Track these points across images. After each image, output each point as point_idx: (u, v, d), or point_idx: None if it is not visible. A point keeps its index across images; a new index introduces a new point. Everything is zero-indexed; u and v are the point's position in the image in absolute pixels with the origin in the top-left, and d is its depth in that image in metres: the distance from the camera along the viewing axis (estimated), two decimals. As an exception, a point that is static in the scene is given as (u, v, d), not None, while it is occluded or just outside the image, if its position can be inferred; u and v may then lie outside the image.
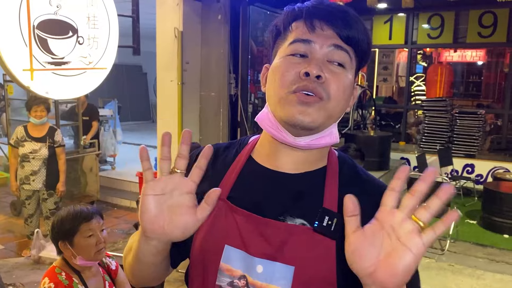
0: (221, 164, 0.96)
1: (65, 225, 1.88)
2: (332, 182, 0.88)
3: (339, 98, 0.84)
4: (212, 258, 0.86)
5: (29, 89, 3.54)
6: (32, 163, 4.27)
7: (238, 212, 0.87)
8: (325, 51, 0.83)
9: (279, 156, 0.90)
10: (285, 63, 0.85)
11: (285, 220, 0.84)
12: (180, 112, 5.66)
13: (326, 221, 0.82)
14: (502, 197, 5.22)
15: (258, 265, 0.83)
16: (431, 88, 9.26)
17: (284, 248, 0.83)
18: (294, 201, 0.87)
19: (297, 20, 0.86)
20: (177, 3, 5.50)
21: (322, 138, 0.87)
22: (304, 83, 0.82)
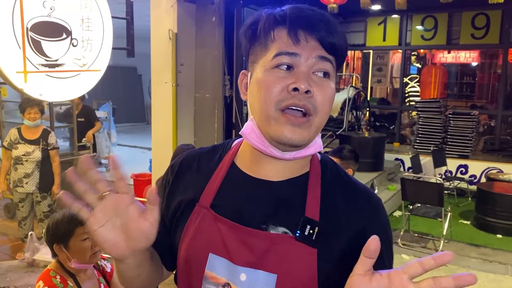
0: (205, 169, 0.96)
1: (60, 228, 1.88)
2: (315, 189, 0.89)
3: (325, 110, 0.85)
4: (197, 266, 0.88)
5: (23, 91, 3.52)
6: (25, 166, 4.25)
7: (221, 221, 0.87)
8: (311, 63, 0.83)
9: (262, 165, 0.90)
10: (270, 77, 0.83)
11: (268, 229, 0.85)
12: (175, 114, 5.66)
13: (308, 230, 0.83)
14: (495, 198, 5.26)
15: (242, 273, 0.84)
16: (425, 89, 9.31)
17: (267, 257, 0.84)
18: (277, 209, 0.87)
19: (279, 27, 0.84)
20: (172, 5, 5.50)
21: (307, 150, 0.88)
22: (293, 100, 0.81)
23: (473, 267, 4.32)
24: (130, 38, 4.77)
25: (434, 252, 4.53)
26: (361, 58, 9.87)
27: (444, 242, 4.76)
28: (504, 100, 7.69)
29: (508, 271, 4.26)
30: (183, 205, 0.93)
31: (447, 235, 4.86)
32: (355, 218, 0.88)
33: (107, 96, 9.58)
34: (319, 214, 0.86)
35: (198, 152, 1.01)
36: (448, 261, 0.68)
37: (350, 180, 0.94)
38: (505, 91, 7.81)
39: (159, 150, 5.85)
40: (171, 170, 1.00)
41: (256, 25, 0.87)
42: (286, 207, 0.87)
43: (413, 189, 4.84)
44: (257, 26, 0.87)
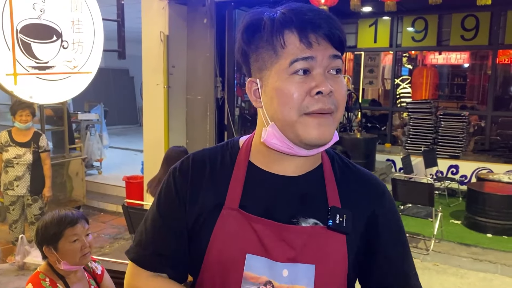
0: (220, 172, 0.95)
1: (49, 230, 1.87)
2: (330, 179, 0.95)
3: (344, 104, 0.89)
4: (233, 268, 0.88)
5: (13, 93, 3.51)
6: (16, 169, 4.22)
7: (255, 220, 0.89)
8: (325, 63, 0.85)
9: (281, 162, 0.93)
10: (290, 85, 0.84)
11: (299, 222, 0.90)
12: (167, 116, 5.65)
13: (338, 218, 0.90)
14: (485, 197, 5.31)
15: (284, 269, 0.87)
16: (417, 91, 9.37)
17: (305, 249, 0.88)
18: (302, 203, 0.91)
19: (286, 32, 0.84)
20: (163, 7, 5.50)
21: (329, 143, 0.91)
22: (319, 105, 0.84)
23: (463, 267, 4.36)
24: (121, 40, 4.77)
25: (425, 252, 4.58)
26: (352, 59, 9.91)
27: (435, 242, 4.79)
28: (494, 101, 7.77)
29: (498, 270, 4.30)
30: (207, 210, 0.92)
31: (438, 235, 4.89)
32: (367, 202, 0.95)
33: (99, 98, 9.54)
34: (339, 201, 0.92)
35: (205, 154, 0.99)
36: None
37: (356, 168, 1.01)
38: (494, 92, 7.88)
39: (150, 152, 5.84)
40: (183, 175, 0.97)
41: (253, 29, 0.87)
42: (310, 200, 0.92)
43: (404, 190, 4.87)
44: (255, 30, 0.87)
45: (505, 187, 5.57)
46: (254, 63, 0.89)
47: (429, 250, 4.68)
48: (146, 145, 5.95)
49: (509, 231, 5.20)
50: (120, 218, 5.67)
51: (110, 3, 4.80)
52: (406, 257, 0.98)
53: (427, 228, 5.05)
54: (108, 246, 4.94)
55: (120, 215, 5.78)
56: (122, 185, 6.27)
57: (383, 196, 0.98)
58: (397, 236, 0.98)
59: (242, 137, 1.01)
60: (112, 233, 5.34)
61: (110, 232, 5.38)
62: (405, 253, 0.98)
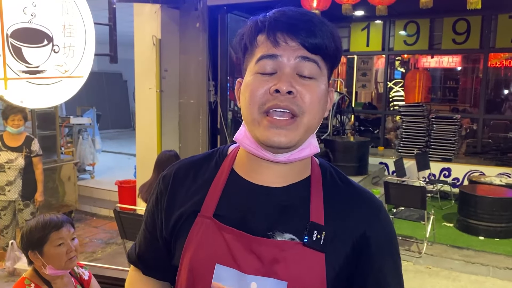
0: (203, 178, 0.94)
1: (34, 234, 1.86)
2: (317, 193, 0.89)
3: (314, 110, 0.84)
4: (202, 277, 0.86)
5: (3, 98, 3.48)
6: (8, 173, 4.20)
7: (226, 230, 0.86)
8: (293, 64, 0.82)
9: (261, 171, 0.90)
10: (254, 81, 0.84)
11: (274, 236, 0.85)
12: (159, 120, 5.65)
13: (315, 235, 0.84)
14: (477, 200, 5.33)
15: (252, 282, 0.83)
16: (410, 94, 9.41)
17: (276, 264, 0.83)
18: (281, 216, 0.87)
19: (261, 33, 0.85)
20: (155, 11, 5.51)
21: (302, 151, 0.88)
22: (275, 101, 0.81)
23: (455, 269, 4.37)
24: (113, 44, 4.75)
25: (417, 255, 4.59)
26: (345, 63, 9.95)
27: (428, 245, 4.81)
28: (486, 104, 7.82)
29: (490, 272, 4.32)
30: (184, 217, 0.91)
31: (430, 238, 4.90)
32: (357, 221, 0.88)
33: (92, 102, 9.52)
34: (324, 219, 0.86)
35: (191, 161, 0.98)
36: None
37: (350, 183, 0.94)
38: (486, 95, 7.94)
39: (143, 156, 5.82)
40: (164, 182, 0.97)
41: (242, 35, 0.89)
42: (290, 213, 0.87)
43: (396, 193, 4.89)
44: (243, 35, 0.88)
45: (497, 190, 5.61)
46: (243, 66, 0.91)
47: (422, 253, 4.69)
48: (138, 149, 5.93)
49: (501, 234, 5.22)
50: (113, 222, 5.64)
51: (102, 7, 4.79)
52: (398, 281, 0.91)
53: (419, 231, 5.07)
54: (100, 251, 4.91)
55: (112, 219, 5.75)
56: (115, 189, 6.25)
57: (378, 216, 0.91)
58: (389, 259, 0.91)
59: (232, 145, 0.99)
60: (104, 238, 5.32)
61: (102, 237, 5.36)
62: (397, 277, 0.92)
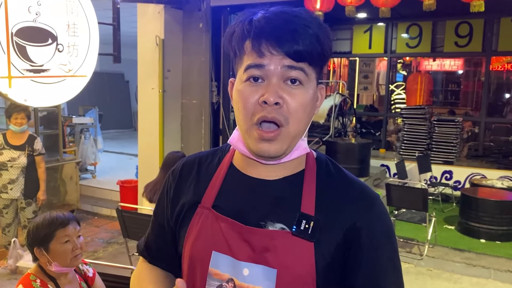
0: (205, 172, 1.00)
1: (40, 231, 1.87)
2: (310, 185, 0.93)
3: (299, 117, 0.88)
4: (201, 264, 0.91)
5: (7, 96, 3.50)
6: (10, 172, 4.21)
7: (222, 220, 0.92)
8: (279, 73, 0.85)
9: (257, 166, 0.95)
10: (245, 91, 0.88)
11: (266, 226, 0.89)
12: (162, 120, 5.65)
13: (304, 224, 0.88)
14: (479, 203, 5.33)
15: (244, 268, 0.88)
16: (411, 97, 9.43)
17: (266, 253, 0.88)
18: (274, 207, 0.91)
19: (247, 39, 0.87)
20: (159, 11, 5.52)
21: (291, 154, 0.92)
22: (263, 113, 0.85)
23: (457, 272, 4.37)
24: (117, 44, 4.76)
25: (419, 257, 4.59)
26: (347, 65, 9.97)
27: (429, 247, 4.81)
28: (488, 107, 7.83)
29: (491, 275, 4.32)
30: (186, 208, 0.98)
31: (431, 240, 4.90)
32: (348, 212, 0.91)
33: (94, 102, 9.54)
34: (315, 210, 0.90)
35: (197, 156, 1.05)
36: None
37: (345, 176, 0.97)
38: (488, 99, 7.94)
39: (145, 156, 5.83)
40: (172, 175, 1.05)
41: (231, 33, 0.91)
42: (283, 205, 0.91)
43: (398, 195, 4.89)
44: (232, 34, 0.90)
45: (499, 193, 5.60)
46: (234, 66, 0.95)
47: (423, 255, 4.69)
48: (141, 149, 5.94)
49: (502, 237, 5.22)
50: (114, 222, 5.65)
51: (105, 7, 4.81)
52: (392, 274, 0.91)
53: (421, 233, 5.07)
54: (101, 251, 4.92)
55: (114, 219, 5.76)
56: (116, 189, 6.26)
57: (371, 208, 0.92)
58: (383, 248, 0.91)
59: None
60: (105, 238, 5.32)
61: (103, 237, 5.36)
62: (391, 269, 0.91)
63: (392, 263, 0.92)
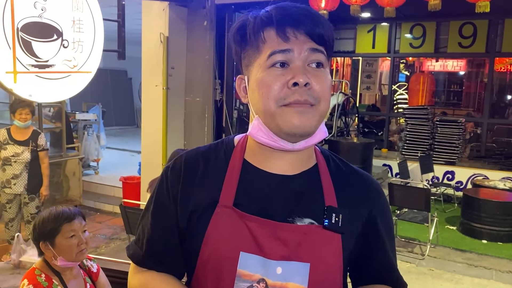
0: (214, 168, 0.96)
1: (46, 225, 1.88)
2: (326, 178, 0.95)
3: (326, 98, 0.90)
4: (227, 266, 0.88)
5: (12, 91, 3.51)
6: (14, 167, 4.22)
7: (249, 219, 0.89)
8: (304, 56, 0.87)
9: (273, 160, 0.94)
10: (269, 76, 0.87)
11: (294, 221, 0.90)
12: (165, 117, 5.66)
13: (334, 218, 0.90)
14: (481, 204, 5.33)
15: (278, 267, 0.88)
16: (414, 97, 9.43)
17: (299, 248, 0.88)
18: (298, 202, 0.92)
19: (267, 28, 0.88)
20: (163, 9, 5.53)
21: (315, 137, 0.92)
22: (295, 96, 0.85)
23: (458, 272, 4.38)
24: (121, 40, 4.78)
25: (420, 257, 4.60)
26: (350, 64, 9.96)
27: (431, 247, 4.81)
28: (490, 108, 7.82)
29: (492, 276, 4.32)
30: (202, 208, 0.92)
31: (433, 240, 4.91)
32: (364, 202, 0.97)
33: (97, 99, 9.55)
34: (336, 201, 0.93)
35: (198, 152, 1.00)
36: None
37: (351, 167, 1.03)
38: (491, 100, 7.93)
39: (148, 153, 5.84)
40: (173, 173, 0.97)
41: (244, 30, 0.91)
42: (306, 199, 0.92)
43: (400, 194, 4.89)
44: (245, 30, 0.90)
45: (501, 194, 5.60)
46: (243, 61, 0.94)
47: (425, 255, 4.69)
48: (144, 146, 5.95)
49: (504, 238, 5.22)
50: (116, 218, 5.66)
51: (110, 3, 4.82)
52: (394, 252, 1.04)
53: (422, 233, 5.07)
54: (104, 246, 4.93)
55: (116, 215, 5.78)
56: (119, 185, 6.27)
57: (380, 196, 1.01)
58: (390, 233, 1.04)
59: (237, 136, 1.01)
60: (108, 234, 5.34)
61: (106, 233, 5.38)
62: (394, 249, 1.05)
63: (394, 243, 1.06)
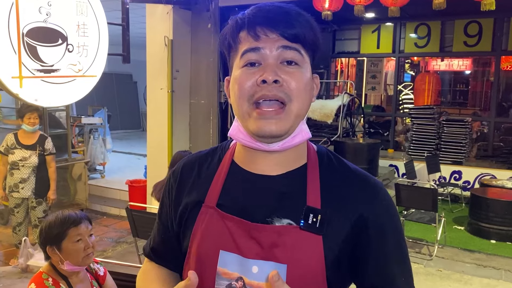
0: (206, 171, 0.99)
1: (53, 230, 1.88)
2: (314, 178, 0.92)
3: (301, 96, 0.87)
4: (209, 264, 0.90)
5: (18, 96, 3.53)
6: (21, 171, 4.24)
7: (228, 219, 0.91)
8: (276, 54, 0.86)
9: (259, 161, 0.93)
10: (241, 75, 0.87)
11: (273, 222, 0.88)
12: (170, 120, 5.67)
13: (311, 218, 0.87)
14: (488, 203, 5.29)
15: (253, 266, 0.87)
16: (419, 97, 9.38)
17: (275, 249, 0.87)
18: (279, 202, 0.90)
19: (242, 30, 0.89)
20: (167, 12, 5.54)
21: (294, 138, 0.91)
22: (263, 92, 0.85)
23: (467, 272, 4.34)
24: (126, 44, 4.79)
25: (428, 257, 4.57)
26: (355, 65, 9.93)
27: (438, 248, 4.78)
28: (497, 107, 7.77)
29: (502, 276, 4.28)
30: (189, 208, 0.96)
31: (441, 241, 4.87)
32: (354, 203, 0.91)
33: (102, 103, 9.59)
34: (320, 203, 0.89)
35: (197, 156, 1.04)
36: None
37: (347, 167, 0.97)
38: (497, 99, 7.88)
39: (154, 156, 5.85)
40: (173, 176, 1.03)
41: (225, 32, 0.93)
42: (288, 200, 0.90)
43: (407, 195, 4.86)
44: (226, 33, 0.92)
45: (509, 193, 5.55)
46: (229, 64, 0.95)
47: (433, 255, 4.66)
48: (149, 148, 5.96)
49: (513, 238, 5.18)
50: (123, 221, 5.67)
51: (114, 7, 4.84)
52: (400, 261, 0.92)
53: (430, 234, 5.04)
54: (110, 250, 4.94)
55: (122, 218, 5.79)
56: (125, 189, 6.28)
57: (376, 198, 0.92)
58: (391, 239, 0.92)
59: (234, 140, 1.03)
60: (114, 237, 5.35)
61: (112, 236, 5.39)
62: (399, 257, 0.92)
63: (399, 250, 0.93)
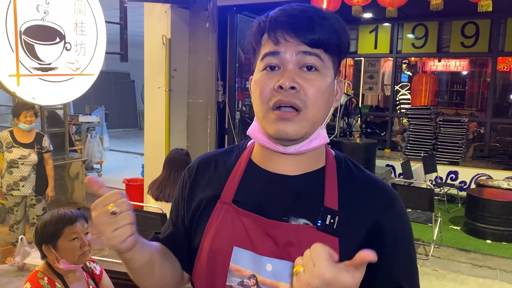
0: (223, 169, 0.99)
1: (48, 228, 1.88)
2: (332, 181, 0.92)
3: (318, 103, 0.87)
4: (221, 260, 0.89)
5: (15, 94, 3.52)
6: (21, 169, 4.24)
7: (244, 215, 0.91)
8: (295, 59, 0.86)
9: (276, 161, 0.94)
10: (261, 79, 0.88)
11: (289, 221, 0.88)
12: (168, 119, 5.67)
13: (329, 219, 0.87)
14: (485, 203, 5.31)
15: (267, 263, 0.87)
16: (416, 97, 9.41)
17: (290, 247, 0.86)
18: (296, 202, 0.90)
19: (264, 32, 0.89)
20: (165, 11, 5.54)
21: (311, 142, 0.91)
22: (279, 97, 0.85)
23: (463, 272, 4.36)
24: (124, 42, 4.78)
25: (424, 257, 4.58)
26: (352, 65, 9.94)
27: (435, 247, 4.79)
28: (493, 108, 7.79)
29: (497, 276, 4.30)
30: (204, 203, 0.96)
31: (437, 240, 4.89)
32: (371, 210, 0.91)
33: (100, 101, 9.58)
34: (337, 204, 0.89)
35: (214, 154, 1.05)
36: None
37: (364, 173, 0.97)
38: (494, 99, 7.90)
39: (151, 155, 5.85)
40: (188, 172, 1.04)
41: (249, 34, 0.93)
42: (305, 200, 0.90)
43: (404, 195, 4.87)
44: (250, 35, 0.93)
45: (505, 194, 5.58)
46: (253, 63, 0.95)
47: (429, 255, 4.68)
48: (147, 147, 5.96)
49: (509, 237, 5.20)
50: (120, 220, 5.66)
51: (112, 6, 4.83)
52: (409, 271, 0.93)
53: (426, 234, 5.05)
54: (107, 249, 4.93)
55: (119, 217, 5.77)
56: (122, 187, 6.27)
57: (392, 206, 0.93)
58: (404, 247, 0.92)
59: (251, 140, 1.03)
60: (111, 236, 5.33)
61: (109, 235, 5.37)
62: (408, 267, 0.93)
63: (410, 261, 0.93)
